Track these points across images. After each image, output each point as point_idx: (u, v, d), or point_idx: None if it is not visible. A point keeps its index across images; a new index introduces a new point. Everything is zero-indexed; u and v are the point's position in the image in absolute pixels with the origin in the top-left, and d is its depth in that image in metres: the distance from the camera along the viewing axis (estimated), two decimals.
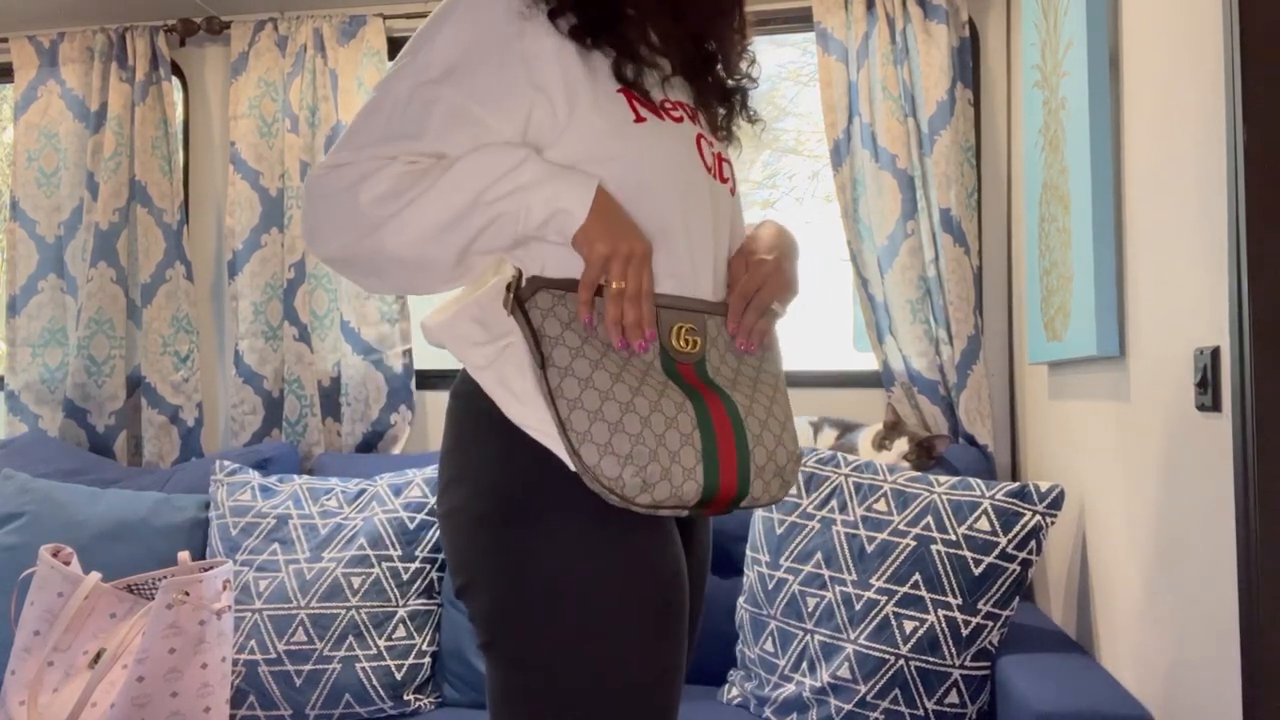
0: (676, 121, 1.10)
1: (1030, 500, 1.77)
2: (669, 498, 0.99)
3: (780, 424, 1.09)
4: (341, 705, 1.99)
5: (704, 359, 1.08)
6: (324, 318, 2.59)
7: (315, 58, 2.59)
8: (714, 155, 1.15)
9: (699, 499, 1.00)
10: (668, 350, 1.05)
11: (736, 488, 1.03)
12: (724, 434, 1.03)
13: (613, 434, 0.97)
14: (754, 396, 1.08)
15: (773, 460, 1.06)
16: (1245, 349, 1.12)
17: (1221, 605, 1.22)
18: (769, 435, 1.06)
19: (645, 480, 0.98)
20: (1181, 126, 1.34)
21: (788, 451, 1.09)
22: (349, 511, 2.15)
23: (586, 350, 1.01)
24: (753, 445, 1.05)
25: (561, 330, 1.01)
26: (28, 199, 2.69)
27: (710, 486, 1.01)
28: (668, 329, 1.05)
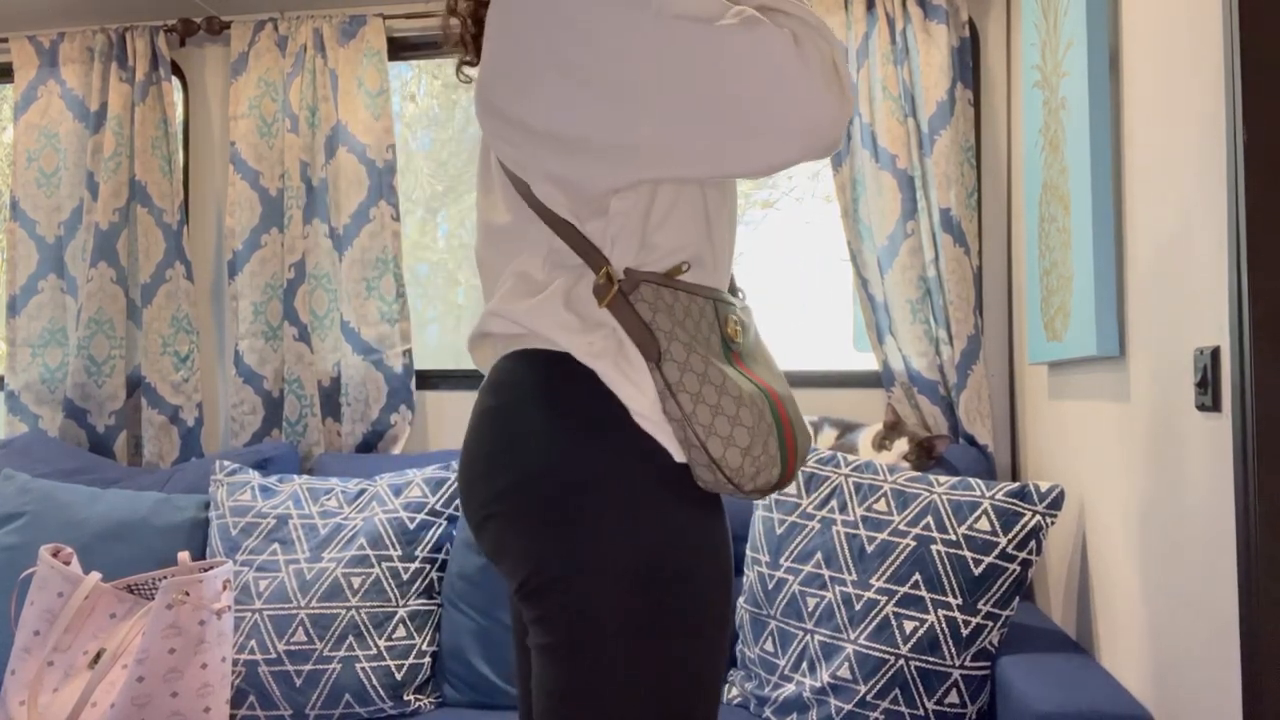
0: None
1: (1030, 500, 1.77)
2: (765, 483, 1.04)
3: (798, 410, 1.14)
4: (341, 705, 1.99)
5: (745, 348, 1.11)
6: (324, 318, 2.59)
7: (315, 58, 2.59)
8: None
9: (772, 485, 1.06)
10: (727, 341, 1.08)
11: (794, 472, 1.08)
12: (784, 420, 1.07)
13: (733, 426, 1.01)
14: (782, 383, 1.13)
15: (808, 445, 1.12)
16: (1245, 349, 1.12)
17: (1221, 605, 1.21)
18: (803, 421, 1.11)
19: (758, 469, 1.03)
20: (1181, 126, 1.34)
21: (810, 436, 1.14)
22: (349, 511, 2.15)
23: (695, 344, 1.04)
24: (799, 433, 1.09)
25: (672, 325, 1.03)
26: (28, 199, 2.69)
27: (784, 471, 1.06)
28: (724, 318, 1.08)
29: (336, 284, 2.59)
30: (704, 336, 1.05)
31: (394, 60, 2.67)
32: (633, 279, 1.02)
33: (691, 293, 1.05)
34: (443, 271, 3.16)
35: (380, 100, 2.58)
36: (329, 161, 2.59)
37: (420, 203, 3.11)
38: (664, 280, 1.04)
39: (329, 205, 2.59)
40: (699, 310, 1.06)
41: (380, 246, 2.57)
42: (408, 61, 2.78)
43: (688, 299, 1.05)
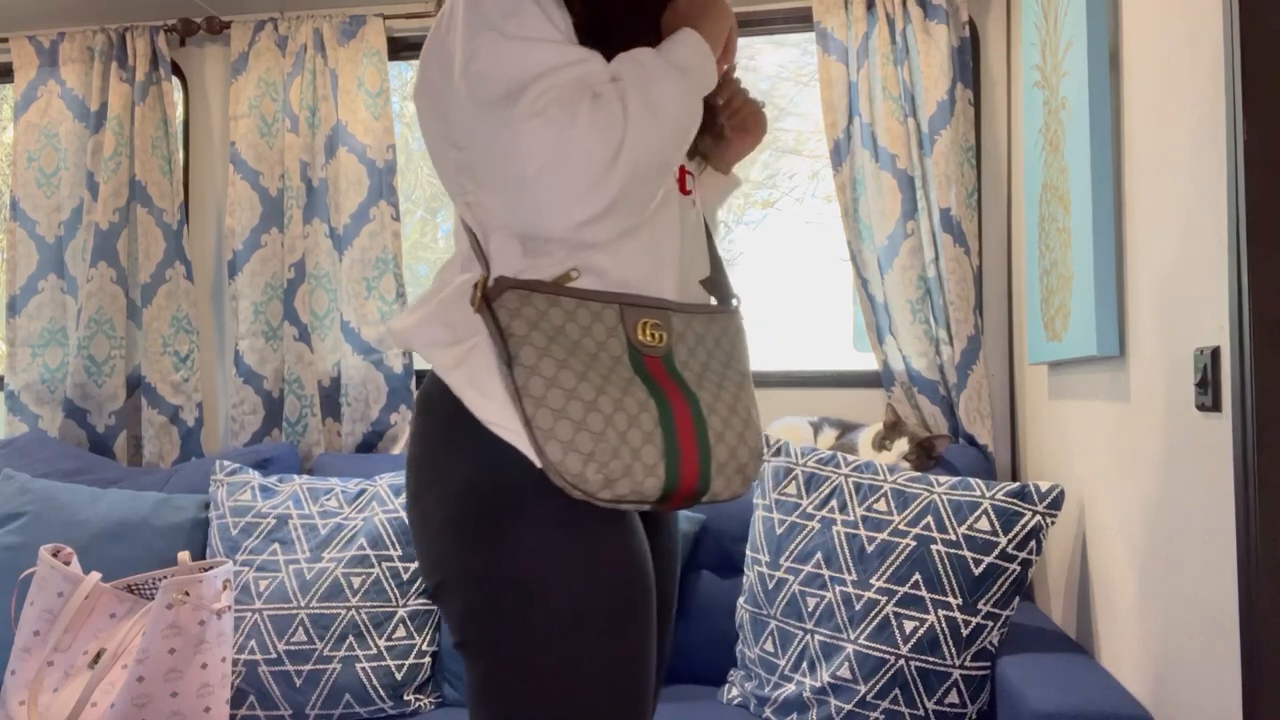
0: None
1: (1030, 500, 1.77)
2: (630, 493, 1.01)
3: (743, 421, 1.12)
4: (341, 705, 1.99)
5: (671, 353, 1.10)
6: (324, 318, 2.59)
7: (315, 58, 2.59)
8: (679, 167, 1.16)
9: (660, 495, 1.03)
10: (634, 345, 1.07)
11: (697, 484, 1.06)
12: (685, 431, 1.05)
13: (576, 432, 1.00)
14: (719, 393, 1.11)
15: (734, 457, 1.09)
16: (1245, 349, 1.12)
17: (1221, 605, 1.21)
18: (731, 432, 1.10)
19: (607, 477, 1.00)
20: (1181, 126, 1.34)
21: (750, 448, 1.12)
22: (349, 511, 2.15)
23: (553, 349, 1.02)
24: (714, 442, 1.08)
25: (528, 330, 1.03)
26: (28, 199, 2.69)
27: (671, 482, 1.04)
28: (633, 323, 1.07)
29: (336, 284, 2.59)
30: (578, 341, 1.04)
31: (394, 60, 2.67)
32: (499, 286, 1.04)
33: (582, 299, 1.05)
34: None
35: (380, 100, 2.58)
36: (329, 161, 2.59)
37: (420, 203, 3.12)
38: (542, 287, 1.04)
39: (329, 205, 2.59)
40: (589, 316, 1.05)
41: (380, 246, 2.57)
42: (408, 61, 2.78)
43: (574, 305, 1.05)
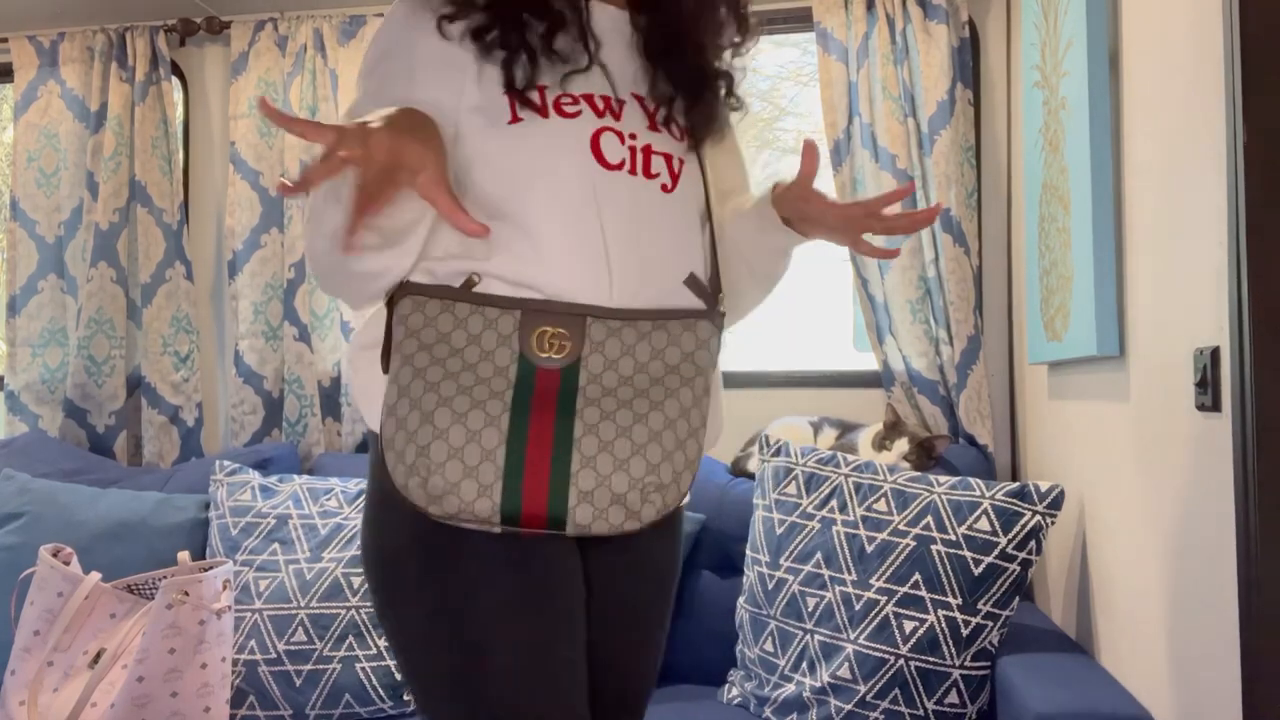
0: (568, 118, 1.06)
1: (1030, 500, 1.77)
2: (460, 512, 0.97)
3: (633, 447, 1.01)
4: (341, 705, 1.99)
5: (578, 365, 1.02)
6: (324, 318, 2.59)
7: (315, 57, 2.59)
8: (634, 149, 1.09)
9: (499, 516, 0.98)
10: (525, 355, 1.01)
11: (546, 509, 0.98)
12: (538, 454, 0.98)
13: (407, 443, 0.98)
14: (616, 414, 1.01)
15: (606, 486, 0.99)
16: (1245, 349, 1.12)
17: (1221, 605, 1.21)
18: (607, 459, 1.00)
19: (429, 493, 0.97)
20: (1181, 126, 1.34)
21: (631, 478, 1.00)
22: (349, 511, 2.15)
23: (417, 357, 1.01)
24: (578, 468, 0.99)
25: (404, 337, 1.02)
26: (28, 199, 2.69)
27: (510, 505, 0.98)
28: (530, 332, 1.02)
29: None
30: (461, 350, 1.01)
31: None
32: (402, 290, 1.03)
33: (480, 304, 1.02)
34: None
35: None
36: None
37: None
38: (442, 293, 1.02)
39: None
40: (481, 323, 1.02)
41: None
42: None
43: (468, 311, 1.02)
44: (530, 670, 1.03)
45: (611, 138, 1.07)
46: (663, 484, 1.00)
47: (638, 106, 1.11)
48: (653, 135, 1.11)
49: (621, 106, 1.10)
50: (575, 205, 1.04)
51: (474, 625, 1.03)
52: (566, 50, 1.09)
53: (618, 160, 1.07)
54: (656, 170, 1.09)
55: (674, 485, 1.01)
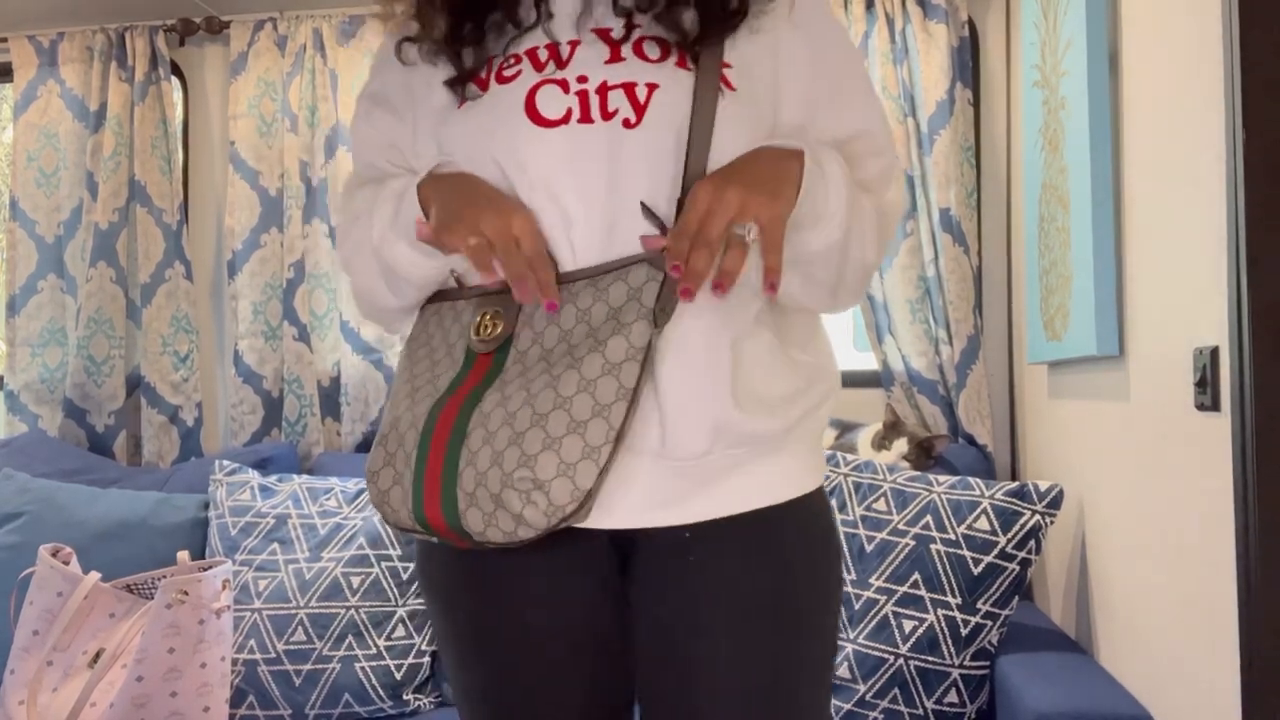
0: (506, 83, 0.97)
1: (1029, 500, 1.77)
2: (397, 523, 0.91)
3: (513, 434, 0.85)
4: (341, 705, 1.99)
5: (510, 343, 0.91)
6: (324, 318, 2.59)
7: (315, 58, 2.59)
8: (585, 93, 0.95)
9: (423, 528, 0.90)
10: (470, 344, 0.93)
11: (443, 519, 0.87)
12: (435, 451, 0.88)
13: (371, 452, 0.95)
14: (512, 395, 0.88)
15: (484, 484, 0.85)
16: (1245, 349, 1.12)
17: (1221, 605, 1.21)
18: (486, 452, 0.86)
19: (377, 501, 0.93)
20: (1181, 126, 1.34)
21: (504, 473, 0.84)
22: (348, 511, 2.15)
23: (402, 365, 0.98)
24: (463, 465, 0.86)
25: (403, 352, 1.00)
26: (27, 199, 2.69)
27: (419, 515, 0.89)
28: (478, 317, 0.94)
29: (336, 284, 2.59)
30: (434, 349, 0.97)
31: None
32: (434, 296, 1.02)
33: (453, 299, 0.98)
34: None
35: None
36: (329, 161, 2.59)
37: None
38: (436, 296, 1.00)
39: (329, 205, 2.59)
40: (452, 316, 0.97)
41: None
42: None
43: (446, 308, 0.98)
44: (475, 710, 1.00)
45: (551, 90, 0.95)
46: (540, 480, 0.84)
47: (595, 42, 0.97)
48: (610, 69, 0.96)
49: (573, 49, 0.97)
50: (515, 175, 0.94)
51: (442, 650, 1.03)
52: (522, 15, 1.01)
53: (559, 114, 0.94)
54: (614, 107, 0.94)
55: (562, 480, 0.83)
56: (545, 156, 0.93)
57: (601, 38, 0.98)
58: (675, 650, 0.94)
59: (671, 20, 0.96)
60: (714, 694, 0.92)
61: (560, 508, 0.83)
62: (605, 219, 0.92)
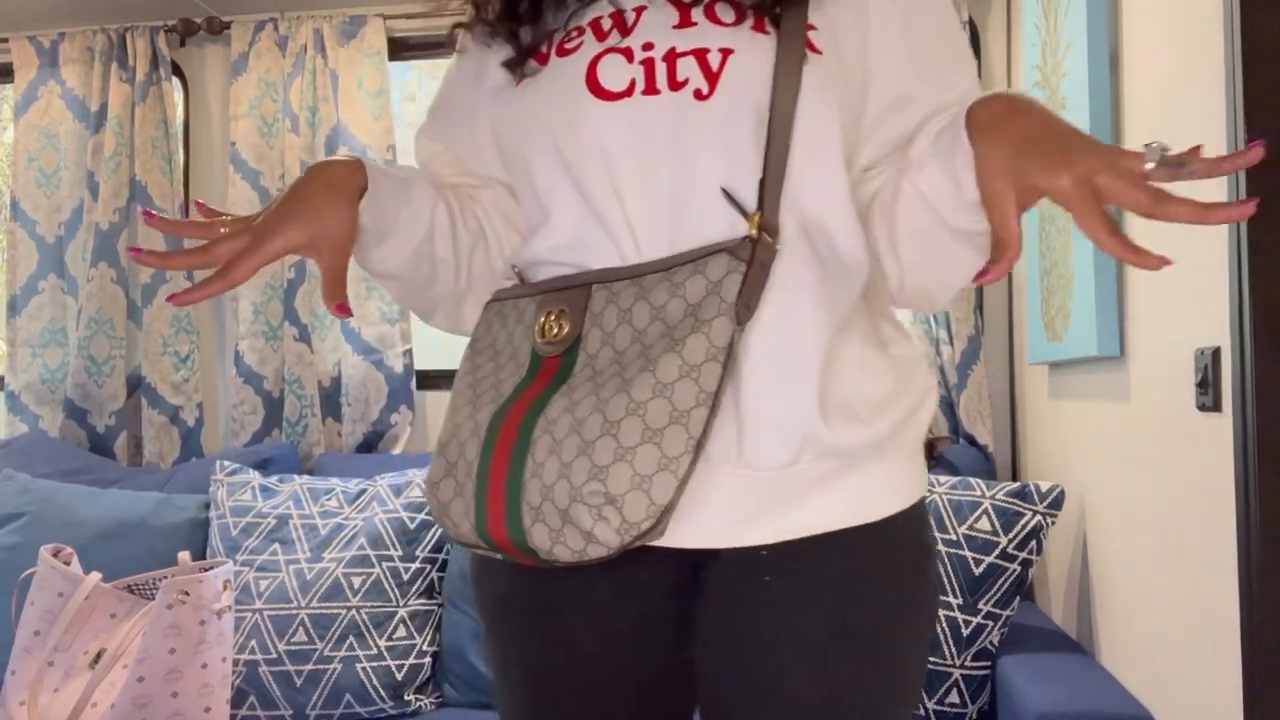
0: (567, 55, 0.89)
1: (1030, 500, 1.76)
2: (459, 537, 0.85)
3: (582, 443, 0.77)
4: (342, 705, 1.99)
5: (579, 344, 0.83)
6: (324, 318, 2.59)
7: (315, 58, 2.59)
8: (651, 61, 0.86)
9: (487, 544, 0.83)
10: (535, 346, 0.85)
11: (507, 535, 0.80)
12: (499, 462, 0.81)
13: (431, 459, 0.88)
14: (581, 401, 0.80)
15: (550, 499, 0.78)
16: (1245, 349, 1.12)
17: (1221, 605, 1.21)
18: (554, 462, 0.78)
19: (437, 514, 0.86)
20: (1182, 126, 1.34)
21: (573, 487, 0.77)
22: (349, 512, 2.15)
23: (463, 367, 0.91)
24: (528, 477, 0.79)
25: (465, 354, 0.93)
26: (28, 199, 2.69)
27: (481, 531, 0.82)
28: (542, 317, 0.86)
29: None
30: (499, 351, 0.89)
31: (394, 60, 2.67)
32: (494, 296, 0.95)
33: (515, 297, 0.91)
34: None
35: (380, 100, 2.58)
36: None
37: None
38: (497, 295, 0.93)
39: None
40: (515, 316, 0.89)
41: None
42: (408, 62, 2.78)
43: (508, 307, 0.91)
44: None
45: (614, 60, 0.87)
46: (612, 494, 0.76)
47: (663, 5, 0.89)
48: (679, 35, 0.86)
49: (639, 13, 0.89)
50: (571, 156, 0.87)
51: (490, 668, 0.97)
52: None
53: (622, 85, 0.86)
54: (684, 77, 0.85)
55: (637, 494, 0.75)
56: (605, 132, 0.85)
57: (670, 1, 0.89)
58: (747, 676, 0.85)
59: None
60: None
61: (635, 524, 0.75)
62: (671, 202, 0.84)
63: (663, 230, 0.84)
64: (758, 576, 0.84)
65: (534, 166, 0.90)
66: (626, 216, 0.85)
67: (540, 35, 0.92)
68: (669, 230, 0.84)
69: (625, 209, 0.85)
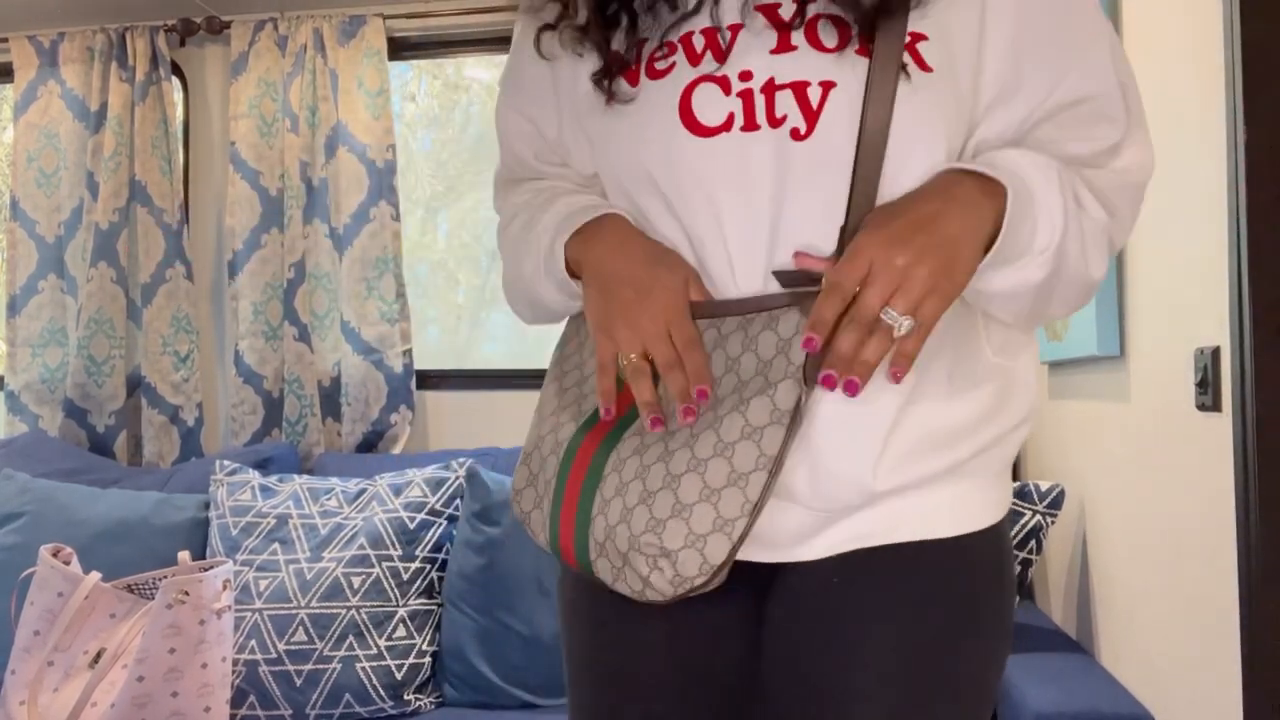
0: (659, 77, 0.85)
1: (1030, 500, 1.76)
2: (539, 544, 0.89)
3: (644, 492, 0.79)
4: (342, 705, 1.99)
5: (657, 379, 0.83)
6: (324, 318, 2.59)
7: (315, 58, 2.59)
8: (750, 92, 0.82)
9: (559, 556, 0.87)
10: (620, 371, 0.85)
11: (575, 558, 0.84)
12: (571, 490, 0.84)
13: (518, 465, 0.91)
14: (650, 446, 0.81)
15: (611, 540, 0.80)
16: (1245, 349, 1.12)
17: (1221, 605, 1.21)
18: (618, 504, 0.80)
19: (521, 519, 0.90)
20: (1181, 126, 1.34)
21: (632, 535, 0.79)
22: (349, 511, 2.15)
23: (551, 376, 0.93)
24: (595, 512, 0.82)
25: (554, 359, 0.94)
26: (28, 199, 2.69)
27: (554, 548, 0.86)
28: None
29: (336, 284, 2.59)
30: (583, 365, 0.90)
31: (394, 60, 2.67)
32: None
33: None
34: (443, 271, 3.17)
35: (380, 100, 2.58)
36: (329, 161, 2.59)
37: (420, 203, 3.11)
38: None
39: (329, 205, 2.59)
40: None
41: (380, 246, 2.57)
42: (408, 61, 2.78)
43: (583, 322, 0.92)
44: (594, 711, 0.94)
45: (710, 90, 0.83)
46: (667, 549, 0.77)
47: (760, 24, 0.83)
48: (779, 61, 0.81)
49: (734, 33, 0.83)
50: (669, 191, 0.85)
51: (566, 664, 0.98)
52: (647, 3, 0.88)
53: (720, 120, 0.82)
54: (783, 113, 0.81)
55: (690, 551, 0.77)
56: (704, 170, 0.82)
57: (768, 18, 0.83)
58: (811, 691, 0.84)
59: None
60: None
61: (688, 579, 0.77)
62: (770, 236, 0.81)
63: (760, 263, 0.82)
64: (825, 589, 0.84)
65: (631, 194, 0.88)
66: (726, 247, 0.83)
67: (630, 46, 0.87)
68: (765, 264, 0.82)
69: (725, 240, 0.83)
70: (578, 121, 0.92)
